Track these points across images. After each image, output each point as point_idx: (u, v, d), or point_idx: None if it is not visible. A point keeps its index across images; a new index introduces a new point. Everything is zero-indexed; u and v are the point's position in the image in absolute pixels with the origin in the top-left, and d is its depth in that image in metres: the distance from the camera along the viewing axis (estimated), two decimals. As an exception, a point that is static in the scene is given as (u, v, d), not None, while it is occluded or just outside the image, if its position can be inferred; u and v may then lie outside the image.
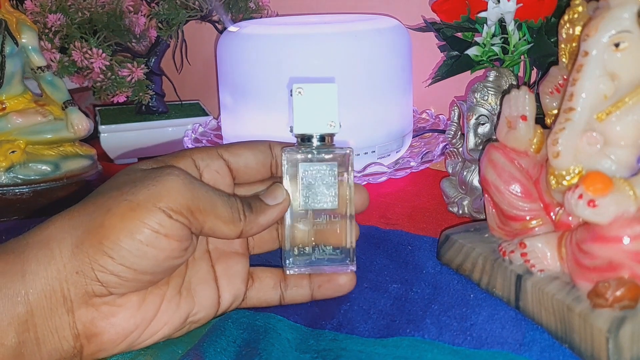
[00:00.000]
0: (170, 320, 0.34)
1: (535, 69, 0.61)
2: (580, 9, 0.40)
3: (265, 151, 0.38)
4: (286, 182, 0.37)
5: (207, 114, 0.79)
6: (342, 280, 0.39)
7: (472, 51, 0.56)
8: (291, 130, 0.38)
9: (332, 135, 0.37)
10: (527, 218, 0.41)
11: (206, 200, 0.32)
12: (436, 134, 0.70)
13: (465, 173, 0.53)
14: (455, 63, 0.59)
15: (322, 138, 0.37)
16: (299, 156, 0.37)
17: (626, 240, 0.33)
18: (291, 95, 0.37)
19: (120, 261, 0.30)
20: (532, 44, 0.56)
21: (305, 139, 0.37)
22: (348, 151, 0.37)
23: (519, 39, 0.56)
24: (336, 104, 0.36)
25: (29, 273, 0.30)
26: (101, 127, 0.73)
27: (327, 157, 0.37)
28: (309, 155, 0.37)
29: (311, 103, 0.36)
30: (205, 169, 0.36)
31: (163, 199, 0.30)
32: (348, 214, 0.38)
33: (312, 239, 0.38)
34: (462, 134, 0.55)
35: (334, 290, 0.39)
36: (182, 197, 0.31)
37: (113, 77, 0.69)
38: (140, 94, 0.72)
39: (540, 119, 0.42)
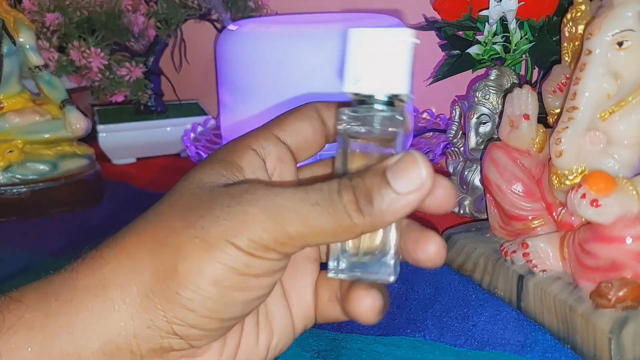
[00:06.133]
0: (250, 359, 0.28)
1: (536, 68, 0.61)
2: (583, 7, 0.40)
3: (314, 115, 0.29)
4: (338, 159, 0.27)
5: (206, 114, 0.79)
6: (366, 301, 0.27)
7: (473, 50, 0.56)
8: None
9: (400, 99, 0.26)
10: (529, 218, 0.40)
11: (296, 221, 0.24)
12: (437, 133, 0.70)
13: (466, 173, 0.53)
14: (456, 62, 0.59)
15: (389, 102, 0.26)
16: (345, 126, 0.26)
17: (629, 241, 0.33)
18: (347, 42, 0.26)
19: (203, 313, 0.24)
20: (533, 43, 0.56)
21: (363, 102, 0.27)
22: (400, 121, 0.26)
23: (521, 38, 0.56)
24: (410, 56, 0.26)
25: (80, 329, 0.24)
26: (99, 127, 0.73)
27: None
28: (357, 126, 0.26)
29: (374, 53, 0.26)
30: (268, 158, 0.28)
31: (240, 234, 0.23)
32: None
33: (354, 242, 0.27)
34: (463, 133, 0.55)
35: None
36: (262, 229, 0.23)
37: (111, 76, 0.69)
38: (139, 93, 0.72)
39: (542, 118, 0.42)
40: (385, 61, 0.26)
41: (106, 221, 0.58)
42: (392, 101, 0.26)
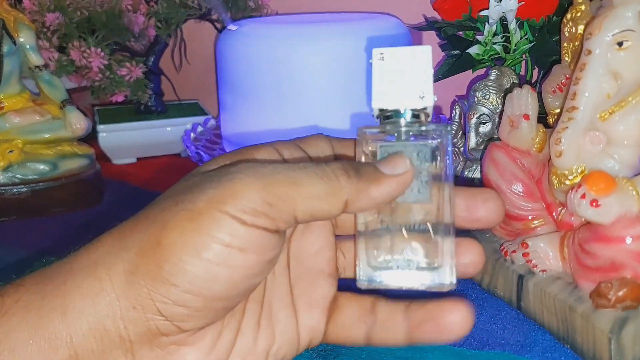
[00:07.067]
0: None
1: (536, 68, 0.61)
2: (583, 7, 0.40)
3: (327, 139, 0.30)
4: None
5: (206, 114, 0.79)
6: (452, 318, 0.26)
7: (473, 50, 0.56)
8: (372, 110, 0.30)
9: (425, 112, 0.29)
10: (529, 218, 0.40)
11: (284, 181, 0.24)
12: (436, 133, 0.70)
13: (466, 172, 0.53)
14: (456, 62, 0.59)
15: (414, 115, 0.29)
16: (378, 137, 0.29)
17: (629, 241, 0.33)
18: (370, 62, 0.29)
19: (185, 288, 0.23)
20: (533, 43, 0.56)
21: (389, 117, 0.29)
22: (443, 134, 0.29)
23: (521, 38, 0.56)
24: (430, 71, 0.29)
25: (72, 310, 0.23)
26: (100, 127, 0.73)
27: (415, 137, 0.28)
28: (391, 135, 0.28)
29: (396, 70, 0.29)
30: (288, 156, 0.28)
31: (228, 200, 0.23)
32: (444, 217, 0.28)
33: (395, 243, 0.28)
34: (463, 133, 0.55)
35: (440, 332, 0.27)
36: (252, 191, 0.23)
37: (111, 76, 0.69)
38: (139, 93, 0.72)
39: (542, 118, 0.42)
40: (411, 77, 0.29)
41: (106, 221, 0.58)
42: (418, 114, 0.29)
